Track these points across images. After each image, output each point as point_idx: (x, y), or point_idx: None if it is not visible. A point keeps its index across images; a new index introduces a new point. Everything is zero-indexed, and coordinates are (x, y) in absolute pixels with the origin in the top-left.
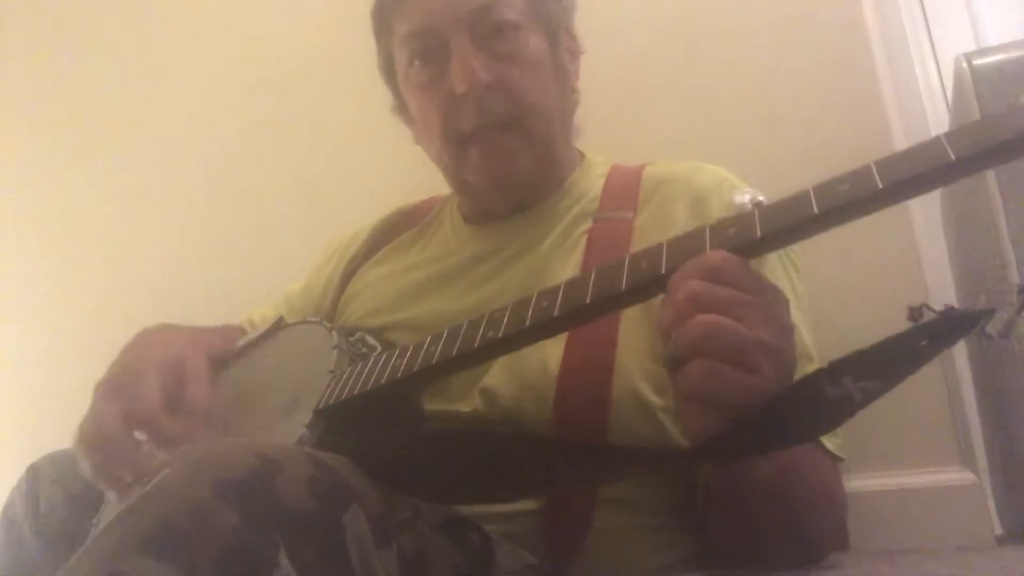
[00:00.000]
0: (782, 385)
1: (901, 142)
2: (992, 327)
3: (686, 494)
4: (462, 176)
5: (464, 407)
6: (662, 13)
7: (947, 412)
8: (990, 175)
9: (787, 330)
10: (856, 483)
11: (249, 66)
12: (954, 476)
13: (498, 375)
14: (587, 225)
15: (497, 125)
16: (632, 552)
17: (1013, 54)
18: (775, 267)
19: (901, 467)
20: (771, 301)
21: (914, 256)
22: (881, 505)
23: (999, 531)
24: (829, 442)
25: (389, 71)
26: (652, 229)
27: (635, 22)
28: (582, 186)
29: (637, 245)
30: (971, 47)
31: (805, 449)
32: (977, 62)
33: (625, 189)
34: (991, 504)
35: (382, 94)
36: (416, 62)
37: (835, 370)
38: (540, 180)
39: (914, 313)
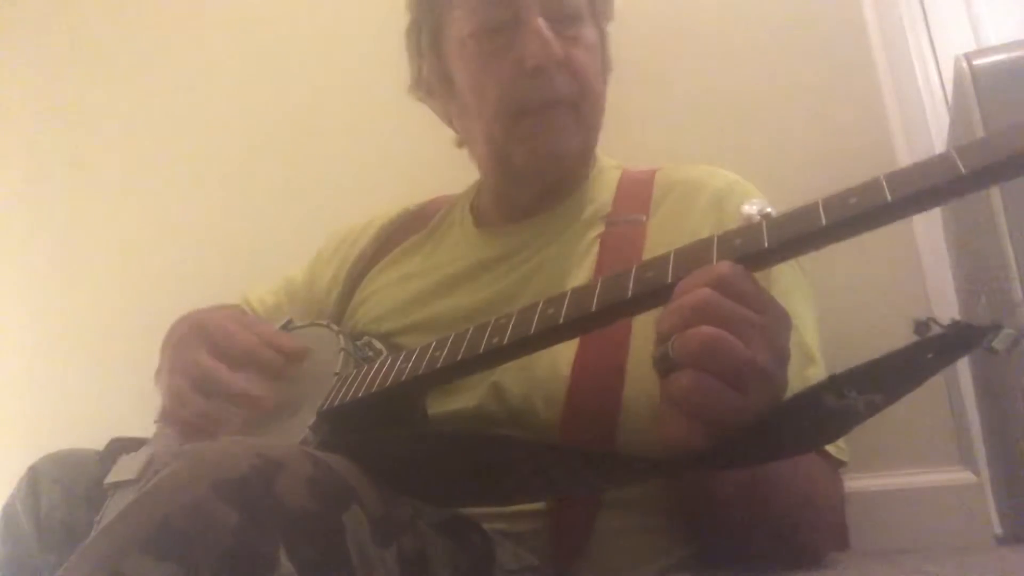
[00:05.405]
0: (766, 410)
1: (901, 142)
2: (998, 343)
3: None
4: (507, 151)
5: (471, 401)
6: (660, 14)
7: (947, 412)
8: None
9: (784, 357)
10: (856, 483)
11: (252, 63)
12: (954, 476)
13: (509, 372)
14: (600, 229)
15: (560, 103)
16: (635, 553)
17: (1013, 54)
18: (783, 266)
19: (901, 467)
20: (773, 323)
21: (915, 258)
22: (881, 505)
23: (999, 531)
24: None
25: (432, 42)
26: (667, 232)
27: (633, 24)
28: (595, 189)
29: (651, 248)
30: (971, 47)
31: None
32: (977, 62)
33: (638, 193)
34: (991, 504)
35: (386, 90)
36: (482, 31)
37: (838, 383)
38: (574, 171)
39: (920, 327)
